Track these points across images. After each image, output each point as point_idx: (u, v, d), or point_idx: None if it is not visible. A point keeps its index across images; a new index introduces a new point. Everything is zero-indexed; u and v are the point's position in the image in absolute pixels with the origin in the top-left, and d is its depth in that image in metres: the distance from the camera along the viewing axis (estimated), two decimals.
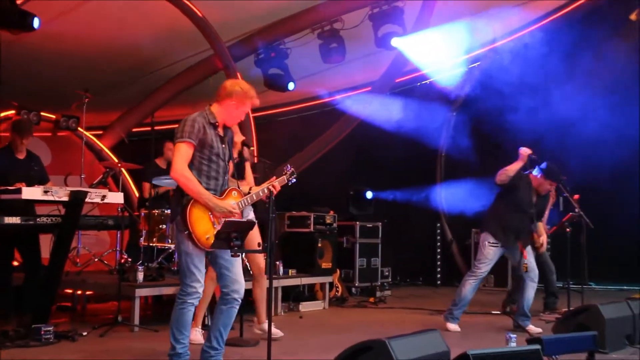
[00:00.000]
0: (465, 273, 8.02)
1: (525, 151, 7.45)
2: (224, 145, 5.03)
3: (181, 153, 4.85)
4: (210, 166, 4.95)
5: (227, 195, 5.02)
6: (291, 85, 11.50)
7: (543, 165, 7.58)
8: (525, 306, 7.54)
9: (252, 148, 6.19)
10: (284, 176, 5.45)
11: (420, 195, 13.21)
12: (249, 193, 5.23)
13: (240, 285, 5.05)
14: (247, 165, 6.78)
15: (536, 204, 7.66)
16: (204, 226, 4.84)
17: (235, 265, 5.06)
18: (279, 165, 9.50)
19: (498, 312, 9.05)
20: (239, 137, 6.43)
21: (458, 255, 13.41)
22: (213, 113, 5.01)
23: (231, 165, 5.28)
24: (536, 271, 7.61)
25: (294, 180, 5.50)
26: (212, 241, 4.79)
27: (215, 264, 5.05)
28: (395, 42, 10.64)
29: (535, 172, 7.63)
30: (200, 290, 4.94)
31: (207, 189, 4.90)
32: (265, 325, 6.42)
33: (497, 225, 7.58)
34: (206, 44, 10.61)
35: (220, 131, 5.03)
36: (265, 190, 5.27)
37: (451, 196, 13.10)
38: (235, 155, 6.37)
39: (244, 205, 5.10)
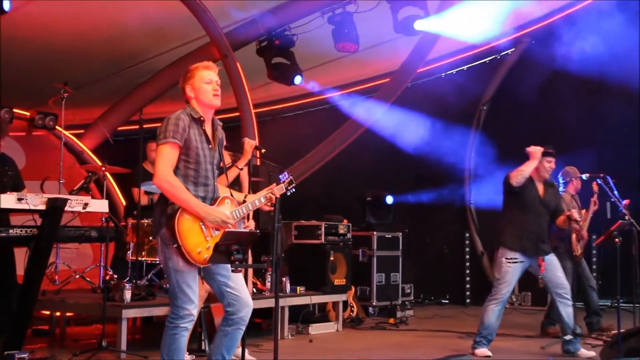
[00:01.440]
0: None
1: (535, 149, 7.54)
2: (211, 146, 4.99)
3: (165, 156, 4.79)
4: (197, 171, 4.89)
5: (220, 204, 4.97)
6: (298, 79, 11.50)
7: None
8: (567, 327, 7.47)
9: (263, 150, 6.14)
10: (282, 184, 5.39)
11: (447, 201, 13.17)
12: (244, 202, 5.18)
13: (246, 303, 4.98)
14: (245, 170, 6.75)
15: (544, 197, 7.66)
16: (194, 238, 4.77)
17: (238, 281, 4.99)
18: (286, 168, 9.51)
19: (536, 336, 9.00)
20: (249, 143, 6.40)
21: (490, 270, 13.33)
22: (195, 108, 4.98)
23: (223, 169, 5.22)
24: (565, 286, 7.54)
25: (293, 190, 5.46)
26: (205, 256, 4.74)
27: (213, 280, 4.98)
28: (419, 25, 10.63)
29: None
30: (194, 312, 4.86)
31: (194, 196, 4.83)
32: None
33: (513, 234, 7.58)
34: (201, 30, 10.62)
35: (207, 128, 5.00)
36: (262, 200, 5.23)
37: (482, 201, 13.05)
38: (243, 163, 6.36)
39: (238, 215, 5.03)
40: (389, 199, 12.13)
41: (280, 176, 5.43)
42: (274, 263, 4.82)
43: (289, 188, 5.41)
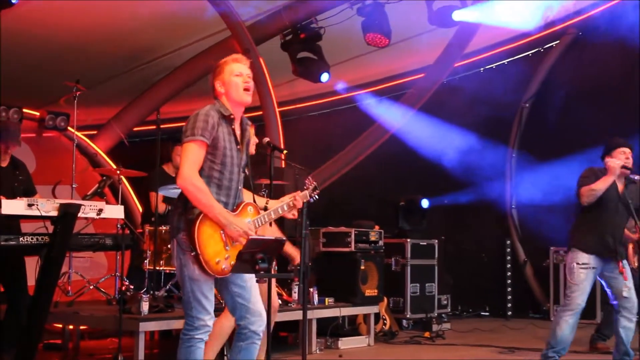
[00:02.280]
0: (543, 301, 7.94)
1: (614, 163, 7.22)
2: (239, 147, 5.00)
3: (191, 155, 4.80)
4: (222, 172, 4.90)
5: (242, 211, 4.98)
6: (325, 77, 11.48)
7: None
8: (623, 344, 7.32)
9: (284, 151, 6.14)
10: (306, 191, 5.41)
11: (486, 205, 13.13)
12: (265, 209, 5.19)
13: (260, 315, 5.00)
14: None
15: (624, 195, 7.41)
16: (214, 247, 4.79)
17: (253, 293, 5.00)
18: (313, 170, 9.54)
19: (584, 351, 8.96)
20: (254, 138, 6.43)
21: (533, 280, 13.27)
22: (224, 105, 4.99)
23: (249, 177, 5.22)
24: (634, 300, 7.33)
25: (317, 197, 5.46)
26: (222, 266, 4.76)
27: (227, 292, 5.00)
28: (457, 15, 10.61)
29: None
30: (210, 323, 4.89)
31: (217, 201, 4.84)
32: None
33: (588, 235, 7.35)
34: (220, 24, 10.67)
35: (236, 128, 5.02)
36: (285, 207, 5.26)
37: (525, 205, 13.00)
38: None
39: (260, 223, 5.07)
40: (425, 203, 12.09)
41: (307, 181, 5.46)
42: (301, 272, 4.83)
43: (313, 195, 5.43)
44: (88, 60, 11.25)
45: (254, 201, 5.14)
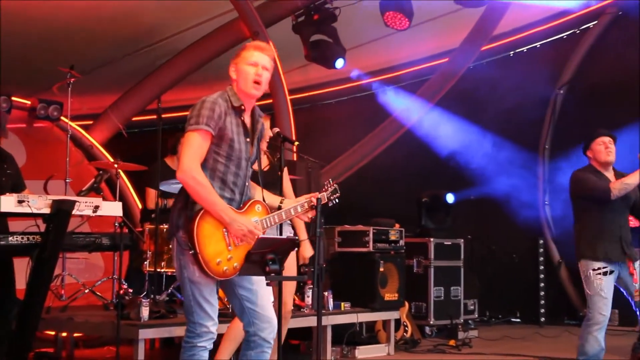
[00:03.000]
0: (579, 306, 7.90)
1: None
2: (249, 139, 4.96)
3: (193, 146, 4.76)
4: (228, 166, 4.87)
5: (249, 209, 4.94)
6: (340, 63, 11.46)
7: None
8: None
9: (296, 143, 6.08)
10: (324, 193, 5.31)
11: (516, 202, 13.06)
12: (279, 208, 5.15)
13: (270, 321, 4.97)
14: (285, 173, 6.70)
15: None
16: (214, 246, 4.75)
17: (262, 296, 4.96)
18: (327, 164, 9.50)
19: None
20: (268, 132, 6.39)
21: (569, 283, 13.22)
22: (236, 94, 4.95)
23: (257, 168, 5.16)
24: None
25: (337, 200, 5.38)
26: (224, 267, 4.72)
27: (233, 295, 4.97)
28: None
29: None
30: (214, 329, 4.87)
31: (220, 197, 4.81)
32: None
33: (592, 240, 7.36)
34: (226, 4, 10.65)
35: (247, 119, 4.98)
36: (299, 209, 5.18)
37: (559, 200, 12.91)
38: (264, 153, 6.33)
39: (268, 224, 5.00)
40: (450, 198, 12.06)
41: (327, 183, 5.38)
42: (315, 275, 4.78)
43: (332, 198, 5.35)
44: (83, 43, 11.25)
45: (264, 199, 5.09)
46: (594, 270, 7.26)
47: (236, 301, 4.97)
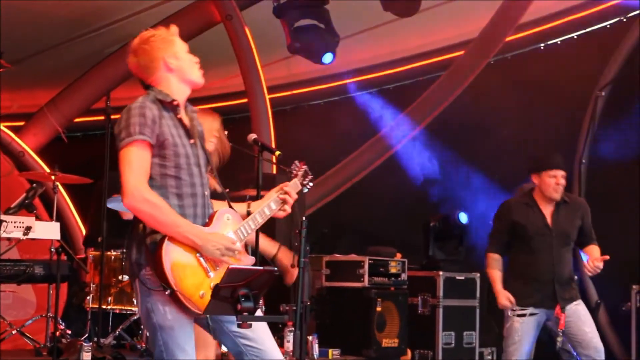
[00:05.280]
0: (620, 355, 8.20)
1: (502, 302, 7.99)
2: (192, 141, 4.98)
3: (133, 163, 4.75)
4: (179, 178, 4.88)
5: (218, 222, 4.98)
6: (328, 57, 11.46)
7: None
8: None
9: (276, 152, 6.15)
10: (295, 179, 5.44)
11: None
12: (248, 214, 5.19)
13: (271, 356, 4.99)
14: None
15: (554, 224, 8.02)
16: (193, 278, 4.75)
17: (260, 328, 5.00)
18: (316, 177, 9.50)
19: None
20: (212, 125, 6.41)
21: (608, 328, 13.24)
22: (162, 91, 4.97)
23: (212, 170, 5.25)
24: (594, 345, 7.98)
25: (311, 184, 5.48)
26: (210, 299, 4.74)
27: (224, 334, 5.00)
28: None
29: None
30: None
31: (182, 216, 4.82)
32: None
33: (517, 282, 8.01)
34: None
35: (183, 117, 5.01)
36: (274, 205, 5.25)
37: (597, 223, 12.96)
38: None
39: (245, 233, 5.07)
40: (463, 218, 12.03)
41: (293, 166, 5.45)
42: (297, 315, 4.82)
43: (305, 183, 5.46)
44: (14, 26, 11.25)
45: (230, 206, 5.14)
46: (512, 310, 7.95)
47: (229, 341, 5.01)
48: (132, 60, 5.06)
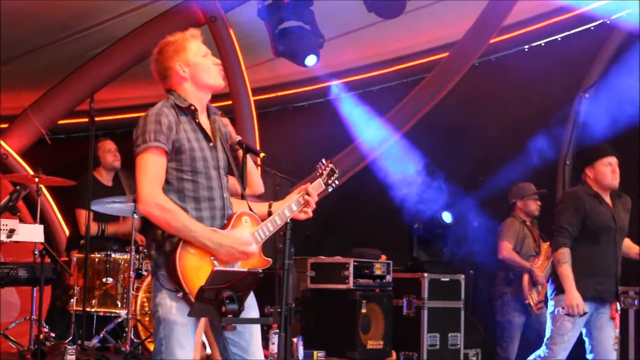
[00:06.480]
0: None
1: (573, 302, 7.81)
2: (212, 144, 5.03)
3: (148, 169, 4.83)
4: (196, 182, 4.94)
5: (235, 225, 5.02)
6: (311, 60, 11.44)
7: None
8: None
9: (261, 155, 6.15)
10: (319, 179, 5.46)
11: None
12: (269, 214, 5.22)
13: None
14: (254, 172, 6.77)
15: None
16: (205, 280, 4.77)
17: (251, 340, 5.10)
18: (299, 180, 9.48)
19: None
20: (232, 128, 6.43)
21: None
22: (181, 96, 5.04)
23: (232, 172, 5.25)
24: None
25: (336, 183, 5.49)
26: None
27: (219, 338, 5.08)
28: None
29: None
30: None
31: (199, 220, 4.88)
32: None
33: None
34: None
35: (203, 120, 5.06)
36: (295, 207, 5.27)
37: None
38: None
39: (264, 235, 5.12)
40: (447, 217, 12.00)
41: (319, 165, 5.43)
42: (281, 317, 4.81)
43: (331, 182, 5.47)
44: None
45: (250, 209, 5.16)
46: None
47: (221, 346, 5.08)
48: (152, 68, 5.16)
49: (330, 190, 5.50)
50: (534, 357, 8.09)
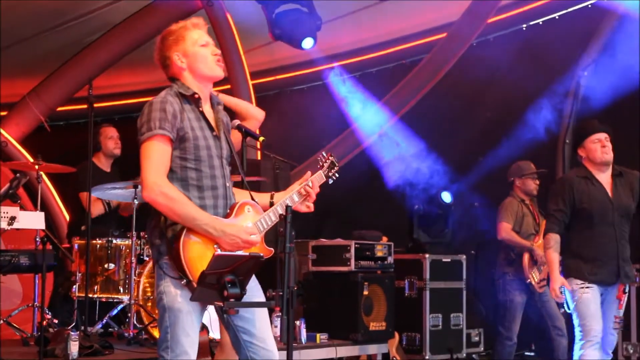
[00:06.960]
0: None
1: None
2: (215, 133, 5.06)
3: (153, 157, 4.86)
4: (200, 171, 4.97)
5: (238, 213, 5.05)
6: (308, 43, 11.42)
7: None
8: None
9: (260, 138, 6.14)
10: (320, 171, 5.48)
11: None
12: (271, 205, 5.25)
13: (271, 356, 5.09)
14: (242, 104, 6.80)
15: None
16: None
17: (260, 326, 5.10)
18: (298, 163, 9.51)
19: None
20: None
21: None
22: (185, 83, 5.08)
23: (236, 162, 5.27)
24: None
25: (336, 175, 5.51)
26: None
27: (227, 324, 5.10)
28: None
29: None
30: None
31: (202, 208, 4.91)
32: None
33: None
34: None
35: (206, 109, 5.09)
36: (296, 197, 5.31)
37: None
38: None
39: (266, 225, 5.14)
40: (446, 197, 11.99)
41: (320, 156, 5.46)
42: (284, 300, 4.80)
43: (331, 174, 5.51)
44: None
45: (252, 198, 5.19)
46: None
47: (231, 331, 5.10)
48: (155, 57, 5.20)
49: (330, 182, 5.51)
50: (576, 348, 7.94)
